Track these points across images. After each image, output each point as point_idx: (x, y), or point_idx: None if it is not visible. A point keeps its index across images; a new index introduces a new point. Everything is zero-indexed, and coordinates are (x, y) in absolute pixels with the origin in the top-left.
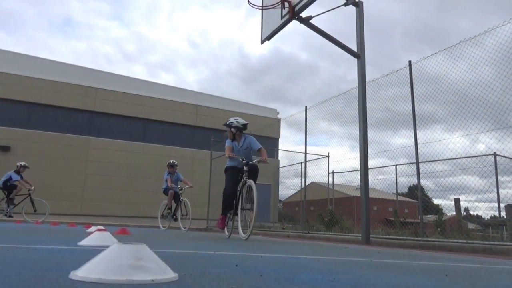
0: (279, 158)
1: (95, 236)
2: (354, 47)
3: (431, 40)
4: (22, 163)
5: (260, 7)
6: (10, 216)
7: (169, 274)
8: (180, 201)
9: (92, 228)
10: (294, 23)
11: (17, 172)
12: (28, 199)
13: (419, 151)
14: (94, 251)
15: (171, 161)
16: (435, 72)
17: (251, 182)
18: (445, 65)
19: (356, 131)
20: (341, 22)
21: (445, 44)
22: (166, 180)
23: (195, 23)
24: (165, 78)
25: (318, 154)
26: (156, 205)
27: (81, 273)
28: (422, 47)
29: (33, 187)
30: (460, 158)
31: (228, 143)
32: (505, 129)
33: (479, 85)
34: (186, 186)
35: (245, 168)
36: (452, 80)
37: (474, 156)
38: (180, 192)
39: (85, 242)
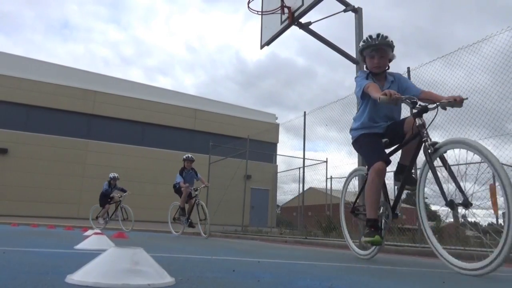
0: (277, 163)
1: (92, 240)
2: (352, 53)
3: (428, 47)
4: (112, 175)
5: (260, 12)
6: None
7: (166, 279)
8: (197, 203)
9: (89, 232)
10: (293, 29)
11: (109, 184)
12: (120, 206)
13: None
14: (90, 255)
15: (188, 155)
16: (433, 78)
17: None
18: (442, 72)
19: None
20: (338, 28)
21: (441, 50)
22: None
23: (192, 28)
24: (162, 82)
25: (316, 160)
26: (154, 210)
27: (78, 277)
28: (419, 54)
29: (121, 195)
30: (458, 164)
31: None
32: (502, 136)
33: (476, 92)
34: (202, 186)
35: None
36: (449, 87)
37: (472, 163)
38: (196, 193)
39: (81, 245)
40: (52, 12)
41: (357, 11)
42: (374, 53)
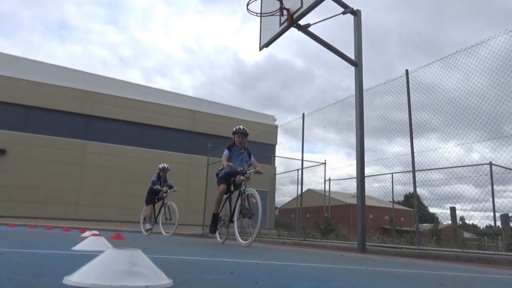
0: (276, 165)
1: (90, 241)
2: (350, 55)
3: (426, 50)
4: (161, 166)
5: (259, 14)
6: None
7: (164, 280)
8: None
9: (87, 233)
10: (291, 31)
11: (158, 175)
12: (164, 205)
13: (414, 159)
14: (88, 256)
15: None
16: (431, 81)
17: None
18: (440, 75)
19: (352, 139)
20: (336, 30)
21: (439, 53)
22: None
23: (190, 29)
24: (160, 83)
25: (314, 161)
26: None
27: (75, 278)
28: (416, 56)
29: (166, 190)
30: (456, 167)
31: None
32: (500, 138)
33: (474, 95)
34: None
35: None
36: (447, 89)
37: (470, 165)
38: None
39: (79, 247)
40: (50, 13)
41: (356, 14)
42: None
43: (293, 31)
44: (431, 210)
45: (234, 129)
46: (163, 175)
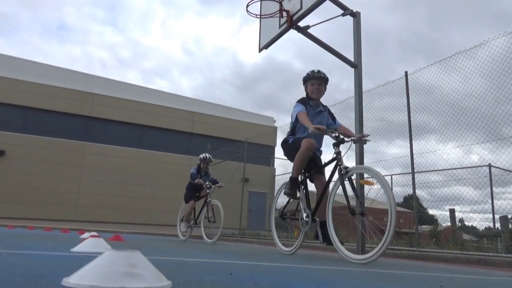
0: (275, 166)
1: (89, 243)
2: (349, 57)
3: (425, 51)
4: (202, 156)
5: (258, 16)
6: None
7: (163, 282)
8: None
9: (86, 234)
10: (290, 32)
11: (198, 167)
12: (207, 203)
13: (414, 161)
14: (87, 258)
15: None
16: (430, 83)
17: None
18: (439, 77)
19: None
20: (335, 32)
21: (438, 55)
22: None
23: (189, 31)
24: (159, 84)
25: None
26: (151, 212)
27: (74, 279)
28: (415, 58)
29: (210, 186)
30: (455, 168)
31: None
32: (499, 140)
33: (473, 97)
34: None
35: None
36: (446, 91)
37: (470, 167)
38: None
39: (78, 248)
40: (49, 14)
41: (356, 15)
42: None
43: (292, 32)
44: (431, 211)
45: (307, 74)
46: (205, 167)
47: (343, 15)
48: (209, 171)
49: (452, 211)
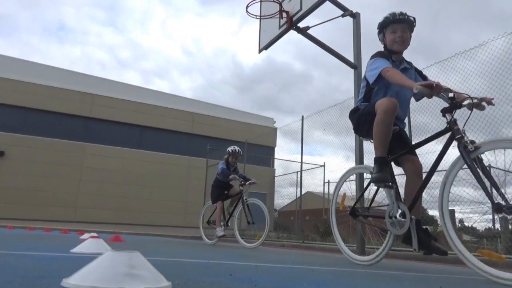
0: (275, 167)
1: (88, 243)
2: (349, 58)
3: (423, 52)
4: (231, 148)
5: (258, 17)
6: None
7: (163, 283)
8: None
9: (85, 235)
10: (289, 33)
11: (226, 161)
12: (241, 203)
13: None
14: (87, 259)
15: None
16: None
17: None
18: (439, 77)
19: (351, 141)
20: (335, 32)
21: (437, 56)
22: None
23: (189, 31)
24: (159, 85)
25: (314, 164)
26: (151, 213)
27: (73, 280)
28: (414, 59)
29: (242, 183)
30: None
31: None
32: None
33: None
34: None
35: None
36: None
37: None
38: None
39: (78, 249)
40: (48, 14)
41: (355, 16)
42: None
43: (292, 33)
44: (430, 212)
45: (385, 17)
46: (233, 161)
47: (343, 16)
48: (237, 166)
49: (452, 212)
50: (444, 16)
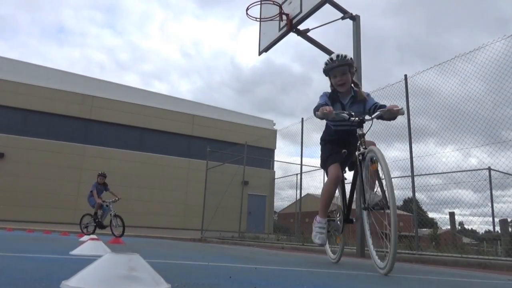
0: (275, 169)
1: (88, 246)
2: None
3: (423, 55)
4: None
5: (258, 19)
6: None
7: (162, 285)
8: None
9: (85, 237)
10: (289, 35)
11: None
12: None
13: (413, 164)
14: (86, 261)
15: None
16: (429, 86)
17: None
18: (438, 80)
19: None
20: (334, 35)
21: (437, 58)
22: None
23: (188, 34)
24: (158, 87)
25: (313, 166)
26: (151, 215)
27: (73, 283)
28: (414, 62)
29: None
30: (455, 172)
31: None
32: (498, 143)
33: (472, 100)
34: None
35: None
36: (444, 94)
37: (469, 170)
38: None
39: (77, 251)
40: (48, 16)
41: (355, 19)
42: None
43: (291, 36)
44: (430, 215)
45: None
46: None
47: (342, 18)
48: None
49: (451, 214)
50: (443, 19)
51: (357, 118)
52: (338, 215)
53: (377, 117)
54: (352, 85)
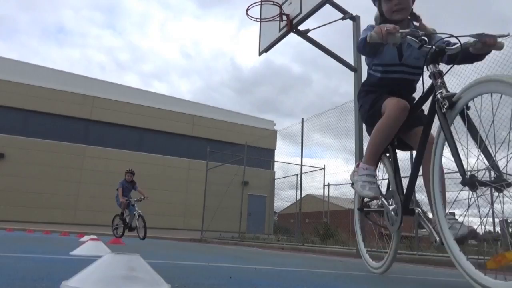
0: (275, 170)
1: (88, 246)
2: (349, 60)
3: None
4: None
5: (259, 20)
6: None
7: (162, 286)
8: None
9: (85, 238)
10: (289, 36)
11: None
12: None
13: None
14: (86, 261)
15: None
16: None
17: None
18: None
19: (350, 144)
20: (334, 35)
21: None
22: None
23: (187, 34)
24: (158, 88)
25: (313, 166)
26: (151, 215)
27: (73, 283)
28: None
29: None
30: (455, 172)
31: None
32: (498, 144)
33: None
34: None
35: None
36: None
37: (469, 171)
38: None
39: (77, 251)
40: (48, 17)
41: (355, 19)
42: None
43: (291, 36)
44: (430, 215)
45: None
46: None
47: (343, 19)
48: None
49: (452, 215)
50: (443, 19)
51: (433, 47)
52: (390, 203)
53: (465, 49)
54: (409, 17)
